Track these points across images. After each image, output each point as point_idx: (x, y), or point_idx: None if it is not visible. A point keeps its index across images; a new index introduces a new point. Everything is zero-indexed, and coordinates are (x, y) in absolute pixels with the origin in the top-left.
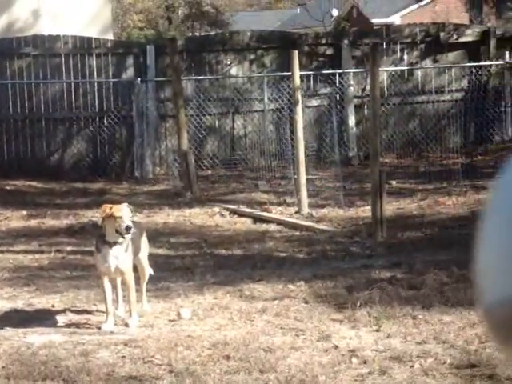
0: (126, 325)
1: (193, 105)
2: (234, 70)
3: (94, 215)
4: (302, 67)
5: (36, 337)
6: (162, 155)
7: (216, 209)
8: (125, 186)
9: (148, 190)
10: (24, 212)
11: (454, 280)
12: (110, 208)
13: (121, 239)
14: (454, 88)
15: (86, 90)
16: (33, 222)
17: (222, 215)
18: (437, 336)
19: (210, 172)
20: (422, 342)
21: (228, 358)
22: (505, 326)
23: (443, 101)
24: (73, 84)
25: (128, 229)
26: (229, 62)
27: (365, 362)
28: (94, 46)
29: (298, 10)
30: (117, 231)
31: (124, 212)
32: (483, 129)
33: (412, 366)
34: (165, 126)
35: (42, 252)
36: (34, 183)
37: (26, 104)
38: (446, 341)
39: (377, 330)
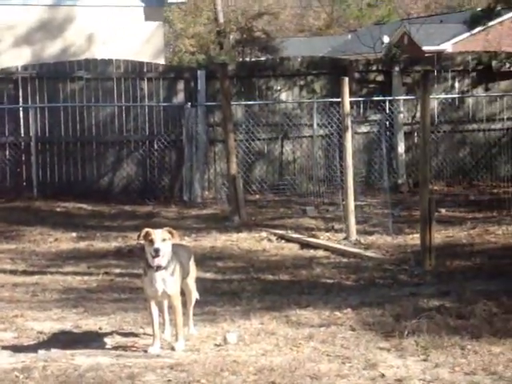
0: (173, 348)
1: (242, 129)
2: (283, 96)
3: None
4: (352, 93)
5: (83, 359)
6: (211, 179)
7: (263, 234)
8: (173, 209)
9: (196, 214)
10: (73, 234)
11: (503, 310)
12: (146, 232)
13: (166, 263)
14: (505, 116)
15: (136, 113)
16: (82, 244)
17: (269, 240)
18: (486, 367)
19: (258, 197)
20: (471, 373)
21: None
22: None
23: (494, 129)
24: (124, 108)
25: (156, 251)
26: (279, 88)
27: None
28: (145, 71)
29: (349, 36)
30: (151, 255)
31: (156, 235)
32: None
33: None
34: (214, 151)
35: (90, 274)
36: (83, 205)
37: (78, 127)
38: (495, 372)
39: (424, 360)
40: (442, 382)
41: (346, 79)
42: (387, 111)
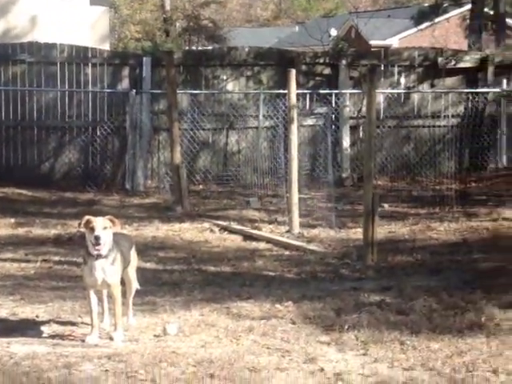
0: (111, 338)
1: (187, 119)
2: (230, 86)
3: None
4: (298, 86)
5: (19, 347)
6: (154, 168)
7: (206, 224)
8: (115, 197)
9: (138, 203)
10: (12, 220)
11: (443, 307)
12: (87, 219)
13: (106, 252)
14: (450, 113)
15: (80, 99)
16: (20, 231)
17: (212, 231)
18: (424, 363)
19: (201, 187)
20: (409, 369)
21: (212, 376)
22: None
23: (439, 126)
24: (67, 93)
25: (97, 239)
26: (226, 78)
27: None
28: (90, 56)
29: (297, 28)
30: (92, 243)
31: (97, 223)
32: (478, 156)
33: None
34: (158, 139)
35: (28, 261)
36: (23, 191)
37: (19, 111)
38: (433, 368)
39: (364, 354)
40: (381, 377)
41: (293, 71)
42: (333, 105)
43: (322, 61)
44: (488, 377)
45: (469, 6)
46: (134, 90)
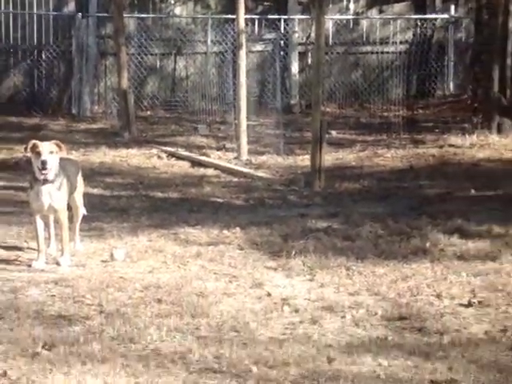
0: (58, 263)
1: (134, 43)
2: (178, 10)
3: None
4: (247, 11)
5: None
6: (101, 93)
7: (154, 151)
8: (61, 122)
9: (85, 128)
10: None
11: (388, 233)
12: (33, 144)
13: (53, 177)
14: (398, 40)
15: (24, 21)
16: None
17: (159, 157)
18: (369, 288)
19: (149, 113)
20: (355, 293)
21: (160, 301)
22: None
23: (387, 52)
24: (11, 15)
25: (43, 164)
26: (173, 2)
27: (296, 311)
28: None
29: None
30: (38, 168)
31: (43, 148)
32: (425, 82)
33: (343, 317)
34: (105, 64)
35: None
36: None
37: None
38: (378, 293)
39: (310, 280)
40: (327, 302)
41: None
42: (282, 30)
43: None
44: (432, 301)
45: None
46: (80, 14)
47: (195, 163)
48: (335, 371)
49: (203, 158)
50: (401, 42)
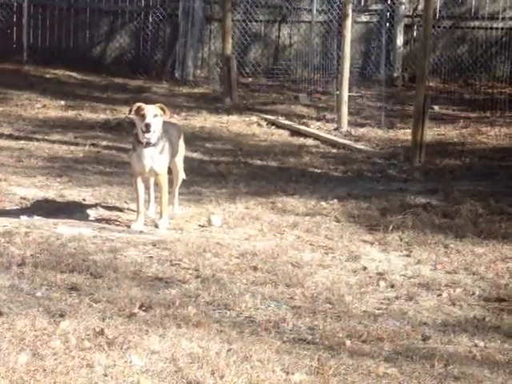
0: (156, 226)
1: (240, 9)
2: None
3: None
4: None
5: (66, 228)
6: (205, 58)
7: (254, 118)
8: (164, 85)
9: (187, 92)
10: (62, 102)
11: (489, 212)
12: (138, 106)
13: (156, 140)
14: (507, 15)
15: None
16: (70, 113)
17: (259, 125)
18: (467, 267)
19: (251, 80)
20: (452, 272)
21: (255, 268)
22: None
23: (496, 28)
24: None
25: (147, 127)
26: None
27: (392, 286)
28: None
29: None
30: (142, 130)
31: (148, 110)
32: None
33: (440, 295)
34: (210, 29)
35: (77, 144)
36: (73, 74)
37: None
38: (476, 272)
39: (407, 256)
40: (423, 279)
41: None
42: (389, 2)
43: None
44: None
45: None
46: None
47: (295, 132)
48: (430, 349)
49: (303, 127)
50: (510, 18)
